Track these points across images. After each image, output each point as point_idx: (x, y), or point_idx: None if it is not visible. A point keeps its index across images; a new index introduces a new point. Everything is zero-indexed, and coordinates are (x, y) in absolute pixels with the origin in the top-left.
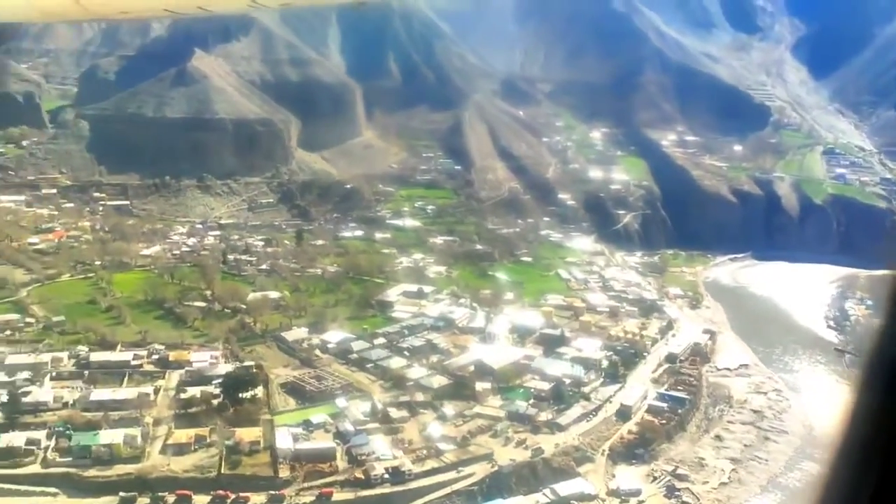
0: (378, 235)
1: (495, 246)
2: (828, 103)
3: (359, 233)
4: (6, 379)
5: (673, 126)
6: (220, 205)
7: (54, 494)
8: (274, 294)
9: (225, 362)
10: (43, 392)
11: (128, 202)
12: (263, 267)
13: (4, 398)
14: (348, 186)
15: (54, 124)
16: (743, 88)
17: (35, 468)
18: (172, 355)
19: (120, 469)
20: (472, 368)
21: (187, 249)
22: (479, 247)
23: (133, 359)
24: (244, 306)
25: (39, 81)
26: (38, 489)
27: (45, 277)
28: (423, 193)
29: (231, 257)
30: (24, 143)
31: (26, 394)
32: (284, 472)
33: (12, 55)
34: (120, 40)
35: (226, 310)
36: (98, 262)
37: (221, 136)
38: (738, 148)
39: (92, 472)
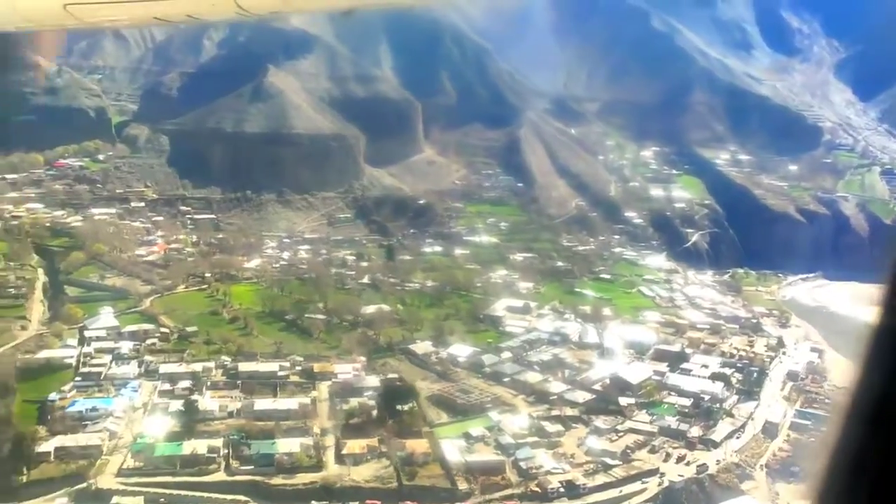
0: (457, 251)
1: (573, 263)
2: (877, 124)
3: (437, 248)
4: (167, 388)
5: (724, 145)
6: (301, 219)
7: (245, 502)
8: (386, 307)
9: (366, 374)
10: (206, 401)
11: (214, 216)
12: (364, 281)
13: (179, 406)
14: (421, 202)
15: (120, 139)
16: (794, 109)
17: (220, 476)
18: (317, 367)
19: (303, 478)
20: (606, 383)
21: (285, 263)
22: (559, 264)
23: (279, 370)
24: (360, 319)
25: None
26: (227, 497)
27: (163, 289)
28: (490, 210)
29: (332, 271)
30: (100, 156)
31: (193, 402)
32: (462, 484)
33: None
34: (171, 58)
35: (344, 322)
36: (208, 275)
37: (298, 151)
38: (793, 168)
39: (277, 480)
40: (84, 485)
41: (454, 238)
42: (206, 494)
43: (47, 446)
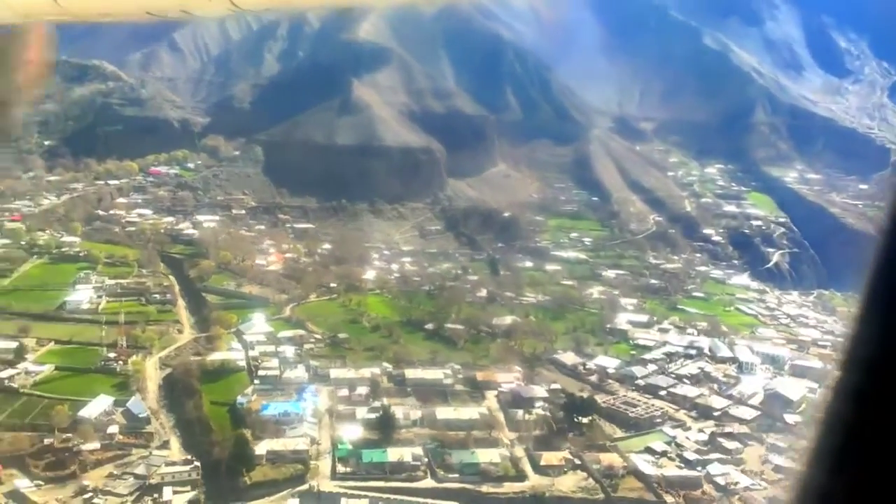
0: (548, 267)
1: (665, 281)
2: None
3: (528, 263)
4: (345, 393)
5: (790, 163)
6: (392, 229)
7: None
8: (518, 319)
9: (528, 384)
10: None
11: (312, 225)
12: (482, 294)
13: (366, 413)
14: (506, 215)
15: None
16: (859, 130)
17: (429, 483)
18: (479, 375)
19: (511, 487)
20: (763, 398)
21: (397, 275)
22: (652, 281)
23: (444, 377)
24: (496, 330)
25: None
26: (443, 503)
27: (297, 298)
28: (570, 224)
29: (447, 284)
30: (190, 165)
31: (387, 409)
32: (668, 498)
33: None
34: (232, 70)
35: (482, 333)
36: (333, 284)
37: (387, 163)
38: (863, 187)
39: (486, 489)
40: (305, 486)
41: (541, 253)
42: (422, 500)
43: (258, 449)
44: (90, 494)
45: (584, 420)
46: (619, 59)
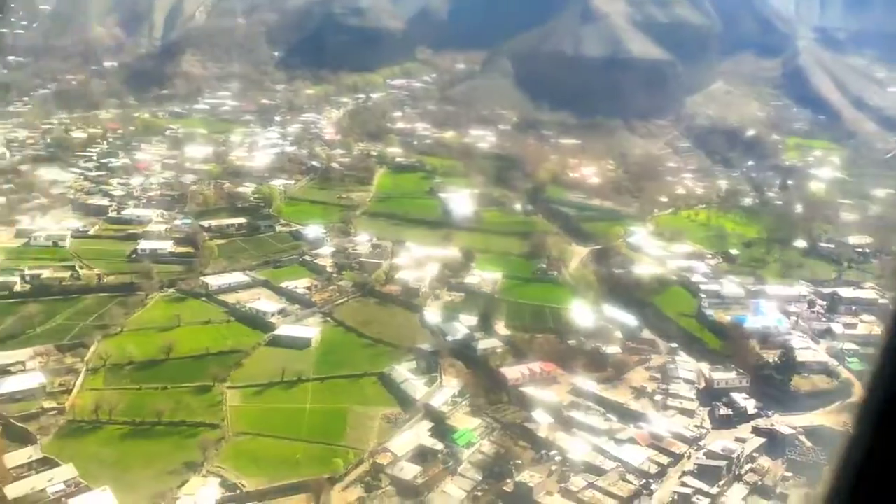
0: (812, 185)
1: None
2: None
3: (789, 182)
4: (801, 308)
5: None
6: (647, 146)
7: None
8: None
9: None
10: None
11: (577, 140)
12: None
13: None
14: (749, 134)
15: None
16: None
17: None
18: None
19: None
20: None
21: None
22: None
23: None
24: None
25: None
26: None
27: (642, 212)
28: (804, 143)
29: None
30: (426, 78)
31: None
32: None
33: None
34: None
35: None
36: (664, 199)
37: (632, 77)
38: None
39: None
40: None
41: (796, 172)
42: None
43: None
44: (661, 397)
45: None
46: None
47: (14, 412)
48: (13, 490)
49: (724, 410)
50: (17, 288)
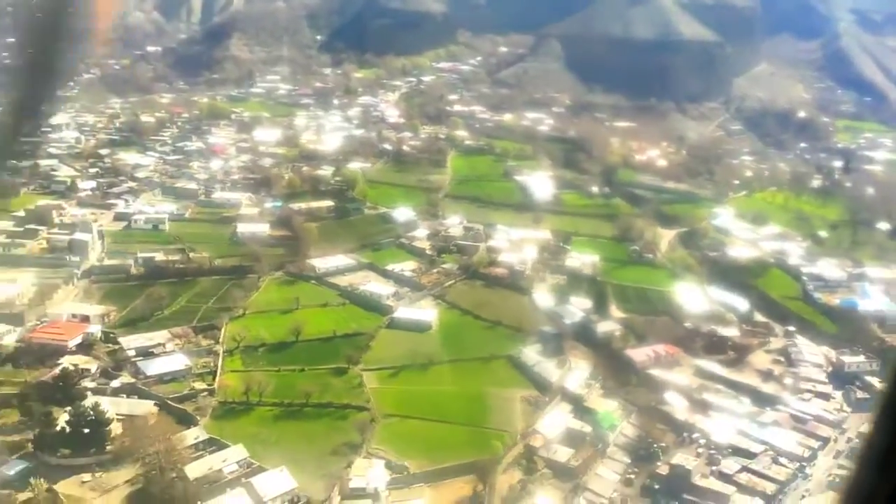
0: (867, 168)
1: None
2: None
3: (851, 164)
4: None
5: None
6: (700, 128)
7: None
8: None
9: None
10: None
11: (631, 123)
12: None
13: None
14: (800, 116)
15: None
16: None
17: None
18: None
19: None
20: None
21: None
22: None
23: None
24: None
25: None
26: None
27: (716, 194)
28: (853, 125)
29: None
30: (472, 61)
31: None
32: None
33: None
34: None
35: None
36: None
37: (682, 59)
38: None
39: None
40: None
41: (850, 154)
42: None
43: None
44: (791, 380)
45: None
46: None
47: (168, 393)
48: (192, 470)
49: (860, 394)
50: (133, 271)
